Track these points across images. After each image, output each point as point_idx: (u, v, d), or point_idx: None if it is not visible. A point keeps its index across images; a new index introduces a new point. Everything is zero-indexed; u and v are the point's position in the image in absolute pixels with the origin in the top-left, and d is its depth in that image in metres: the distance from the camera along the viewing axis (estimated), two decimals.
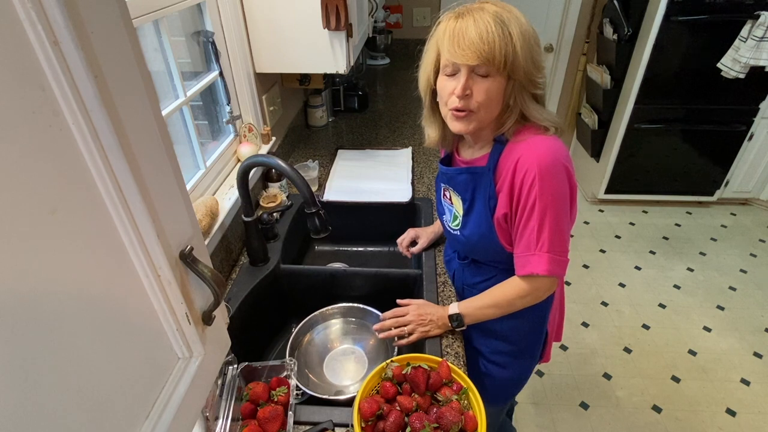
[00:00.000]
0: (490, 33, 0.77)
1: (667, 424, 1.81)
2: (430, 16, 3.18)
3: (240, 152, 1.42)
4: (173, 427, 0.41)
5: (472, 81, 0.82)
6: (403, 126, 2.07)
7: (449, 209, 1.05)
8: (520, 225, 0.89)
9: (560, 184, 0.85)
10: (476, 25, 0.78)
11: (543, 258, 0.87)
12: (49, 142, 0.29)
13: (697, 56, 2.46)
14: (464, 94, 0.83)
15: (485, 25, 0.78)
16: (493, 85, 0.82)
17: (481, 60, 0.79)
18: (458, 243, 1.06)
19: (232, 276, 1.19)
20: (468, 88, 0.82)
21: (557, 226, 0.86)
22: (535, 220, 0.86)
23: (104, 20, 0.31)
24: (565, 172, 0.85)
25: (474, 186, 0.95)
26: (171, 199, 0.40)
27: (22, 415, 0.28)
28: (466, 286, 1.10)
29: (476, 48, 0.78)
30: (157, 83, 1.08)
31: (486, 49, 0.78)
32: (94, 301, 0.34)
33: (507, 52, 0.78)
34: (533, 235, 0.87)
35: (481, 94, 0.82)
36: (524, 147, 0.86)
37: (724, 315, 2.29)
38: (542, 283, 0.91)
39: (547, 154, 0.84)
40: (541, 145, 0.85)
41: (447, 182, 1.02)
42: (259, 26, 1.36)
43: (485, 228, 0.94)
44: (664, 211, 3.06)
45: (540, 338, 1.12)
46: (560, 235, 0.87)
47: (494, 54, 0.78)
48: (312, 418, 0.87)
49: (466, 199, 0.97)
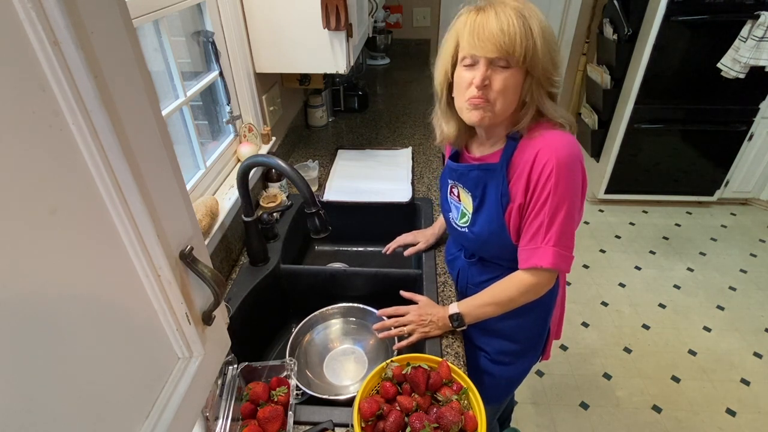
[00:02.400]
0: (512, 26, 0.77)
1: (667, 424, 1.81)
2: (430, 16, 3.18)
3: (240, 152, 1.42)
4: (173, 427, 0.41)
5: (491, 73, 0.82)
6: (403, 126, 2.07)
7: (456, 206, 1.05)
8: (530, 217, 0.89)
9: (574, 179, 0.85)
10: (497, 18, 0.78)
11: (549, 251, 0.87)
12: (49, 142, 0.29)
13: (697, 56, 2.46)
14: (483, 85, 0.82)
15: (507, 18, 0.78)
16: (512, 78, 0.82)
17: (501, 52, 0.79)
18: (466, 240, 1.05)
19: (232, 276, 1.19)
20: (487, 79, 0.82)
21: (567, 222, 0.86)
22: (545, 214, 0.86)
23: (104, 20, 0.31)
24: (581, 169, 0.86)
25: (486, 183, 0.94)
26: (171, 199, 0.40)
27: (22, 415, 0.28)
28: (471, 285, 1.10)
29: (497, 40, 0.78)
30: (157, 83, 1.08)
31: (507, 41, 0.78)
32: (93, 301, 0.34)
33: (527, 45, 0.79)
34: (542, 228, 0.87)
35: (499, 83, 0.82)
36: (542, 141, 0.86)
37: (724, 315, 2.29)
38: (544, 277, 0.91)
39: (566, 148, 0.84)
40: (559, 139, 0.85)
41: (457, 179, 1.02)
42: (259, 26, 1.36)
43: (496, 225, 0.94)
44: (664, 211, 3.06)
45: (543, 336, 1.12)
46: (568, 231, 0.87)
47: (515, 47, 0.78)
48: (312, 418, 0.87)
49: (476, 196, 0.97)
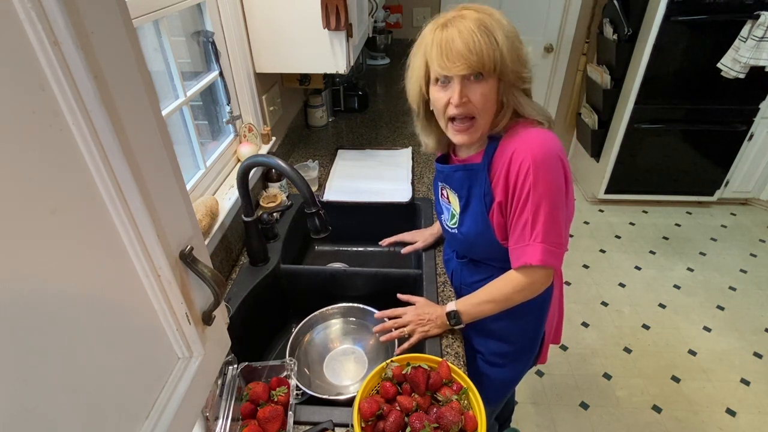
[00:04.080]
0: (476, 42, 0.79)
1: (667, 424, 1.81)
2: (430, 16, 3.16)
3: (240, 152, 1.42)
4: (173, 427, 0.41)
5: (466, 88, 0.84)
6: (403, 126, 2.07)
7: (447, 208, 1.06)
8: (514, 217, 0.89)
9: (555, 175, 0.86)
10: (461, 36, 0.80)
11: (537, 248, 0.87)
12: (49, 142, 0.29)
13: (697, 56, 2.46)
14: (461, 102, 0.84)
15: (470, 35, 0.79)
16: (487, 87, 0.84)
17: (471, 69, 0.81)
18: (456, 241, 1.06)
19: (232, 276, 1.19)
20: (464, 96, 0.84)
21: (552, 217, 0.86)
22: (529, 212, 0.86)
23: (104, 20, 0.31)
24: (560, 164, 0.86)
25: (470, 183, 0.96)
26: (171, 199, 0.40)
27: (22, 415, 0.28)
28: (464, 285, 1.11)
29: (465, 59, 0.80)
30: (157, 83, 1.08)
31: (474, 59, 0.80)
32: (93, 301, 0.34)
33: (495, 57, 0.80)
34: (527, 226, 0.87)
35: (478, 97, 0.84)
36: (518, 141, 0.87)
37: (724, 315, 2.29)
38: (538, 275, 0.92)
39: (542, 146, 0.85)
40: (535, 137, 0.86)
41: (444, 180, 1.03)
42: (259, 26, 1.36)
43: (482, 225, 0.95)
44: (664, 211, 3.06)
45: (537, 338, 1.12)
46: (555, 226, 0.87)
47: (483, 62, 0.80)
48: (312, 418, 0.87)
49: (462, 197, 0.98)
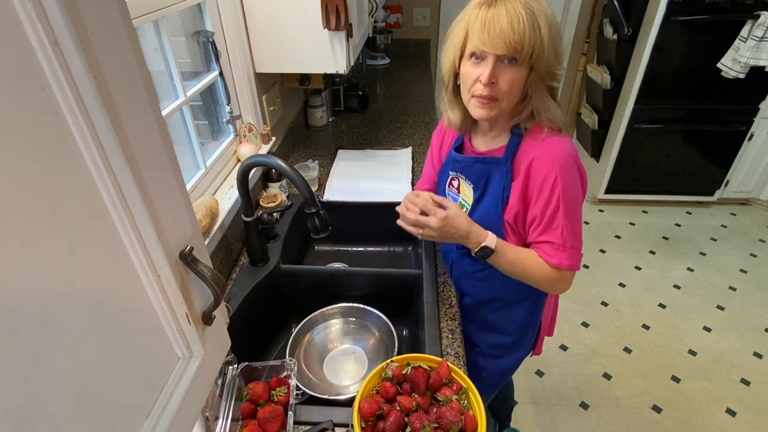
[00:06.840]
0: (522, 24, 0.78)
1: (667, 424, 1.81)
2: (430, 16, 3.18)
3: (240, 152, 1.42)
4: (173, 427, 0.41)
5: (498, 70, 0.83)
6: (403, 126, 2.06)
7: (454, 198, 1.06)
8: (543, 222, 0.90)
9: (576, 181, 0.88)
10: (508, 15, 0.78)
11: (576, 257, 0.90)
12: (49, 143, 0.29)
13: (697, 56, 2.45)
14: (490, 83, 0.83)
15: (517, 16, 0.78)
16: (517, 75, 0.83)
17: (510, 50, 0.79)
18: None
19: (232, 276, 1.19)
20: (494, 77, 0.83)
21: (578, 223, 0.89)
22: (561, 218, 0.87)
23: (104, 20, 0.31)
24: (579, 172, 0.88)
25: (489, 176, 0.96)
26: (171, 199, 0.40)
27: (22, 415, 0.28)
28: (464, 276, 1.11)
29: (507, 38, 0.78)
30: (157, 83, 1.08)
31: (516, 39, 0.78)
32: (93, 301, 0.33)
33: (535, 43, 0.79)
34: (566, 231, 0.89)
35: (506, 83, 0.83)
36: (540, 148, 0.87)
37: (724, 315, 2.29)
38: (568, 278, 0.93)
39: (566, 155, 0.86)
40: (558, 146, 0.87)
41: (460, 170, 1.02)
42: (259, 26, 1.36)
43: (494, 218, 0.95)
44: (664, 211, 3.06)
45: (534, 329, 1.14)
46: (580, 232, 0.90)
47: (523, 45, 0.79)
48: (312, 418, 0.87)
49: (478, 188, 0.98)
